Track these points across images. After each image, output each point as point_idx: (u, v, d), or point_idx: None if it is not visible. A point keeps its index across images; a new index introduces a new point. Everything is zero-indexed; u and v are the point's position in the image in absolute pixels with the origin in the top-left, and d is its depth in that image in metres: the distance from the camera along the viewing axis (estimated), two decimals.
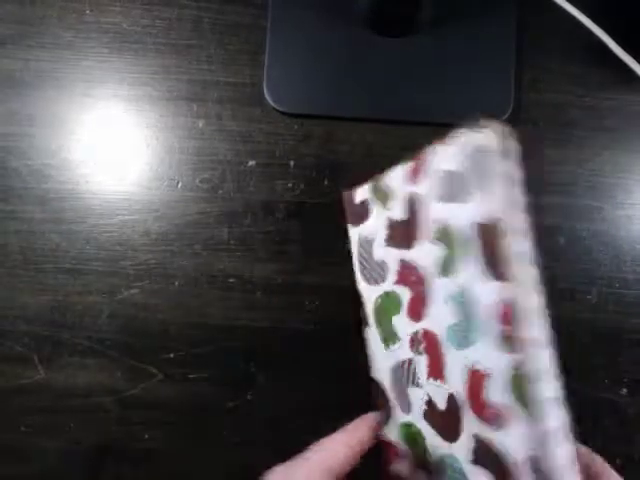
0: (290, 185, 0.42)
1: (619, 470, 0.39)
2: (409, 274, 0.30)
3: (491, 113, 0.42)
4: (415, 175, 0.29)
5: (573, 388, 0.40)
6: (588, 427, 0.40)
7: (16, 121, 0.42)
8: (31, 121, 0.42)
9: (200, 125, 0.42)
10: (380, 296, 0.32)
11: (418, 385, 0.30)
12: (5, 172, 0.42)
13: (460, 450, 0.28)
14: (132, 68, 0.42)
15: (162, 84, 0.42)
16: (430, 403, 0.29)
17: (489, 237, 0.25)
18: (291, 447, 0.28)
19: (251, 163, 0.42)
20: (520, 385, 0.24)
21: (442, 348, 0.28)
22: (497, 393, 0.25)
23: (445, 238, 0.27)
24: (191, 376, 0.41)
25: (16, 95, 0.42)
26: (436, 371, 0.29)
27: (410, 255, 0.30)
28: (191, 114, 0.42)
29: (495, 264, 0.25)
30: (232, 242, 0.41)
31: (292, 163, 0.42)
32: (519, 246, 0.24)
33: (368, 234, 0.33)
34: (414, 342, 0.30)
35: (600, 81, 0.42)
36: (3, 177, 0.42)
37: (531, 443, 0.24)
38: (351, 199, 0.34)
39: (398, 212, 0.31)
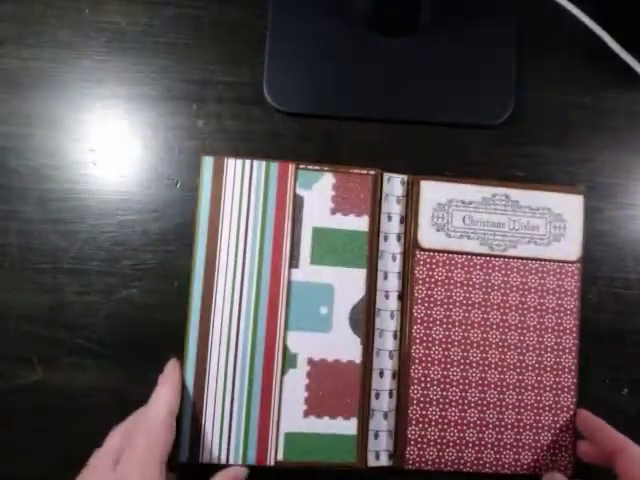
0: None
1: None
2: None
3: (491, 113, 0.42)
4: None
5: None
6: None
7: (14, 121, 0.42)
8: (29, 121, 0.42)
9: (200, 125, 0.42)
10: None
11: None
12: (4, 172, 0.41)
13: None
14: (131, 68, 0.42)
15: (161, 83, 0.42)
16: None
17: None
18: None
19: None
20: None
21: None
22: None
23: None
24: None
25: (14, 95, 0.42)
26: None
27: None
28: (191, 114, 0.42)
29: None
30: None
31: None
32: None
33: None
34: None
35: (600, 81, 0.42)
36: (2, 177, 0.41)
37: None
38: None
39: None
